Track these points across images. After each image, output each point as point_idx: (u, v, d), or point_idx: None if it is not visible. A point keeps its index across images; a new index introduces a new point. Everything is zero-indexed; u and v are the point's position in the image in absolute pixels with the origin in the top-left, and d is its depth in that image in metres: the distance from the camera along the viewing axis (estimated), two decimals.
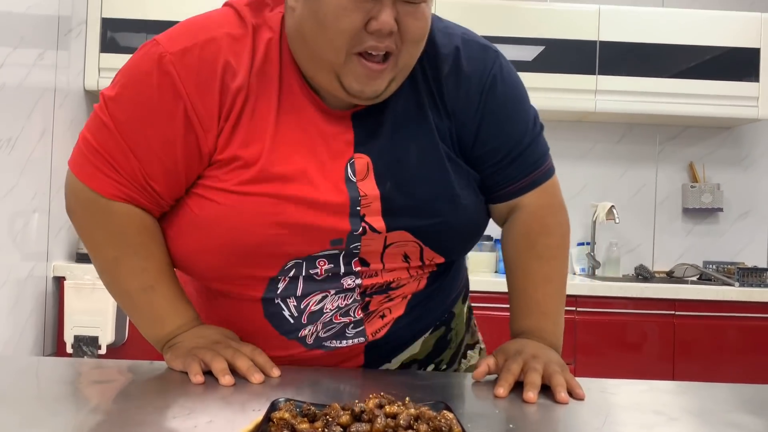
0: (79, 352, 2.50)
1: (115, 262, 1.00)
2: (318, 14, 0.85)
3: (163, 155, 0.90)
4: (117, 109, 0.91)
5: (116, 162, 0.91)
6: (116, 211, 0.94)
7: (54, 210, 2.65)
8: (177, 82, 0.88)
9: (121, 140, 0.90)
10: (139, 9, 2.87)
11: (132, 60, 0.94)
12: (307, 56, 0.91)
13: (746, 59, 2.96)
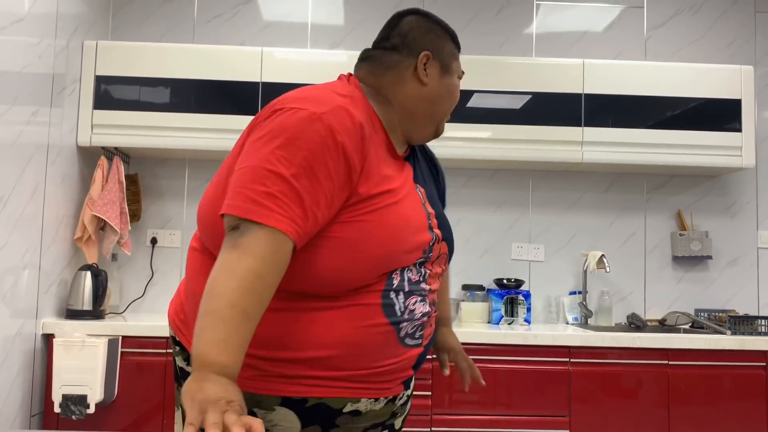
0: (67, 411, 2.46)
1: (259, 279, 1.04)
2: (450, 88, 1.34)
3: (327, 191, 1.10)
4: (291, 159, 1.09)
5: (294, 203, 1.08)
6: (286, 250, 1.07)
7: (45, 266, 2.64)
8: (336, 134, 1.11)
9: (298, 185, 1.08)
10: (132, 66, 2.93)
11: (283, 120, 1.13)
12: (427, 113, 1.32)
13: (728, 110, 3.03)
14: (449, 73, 1.34)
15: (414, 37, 1.33)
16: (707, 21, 3.42)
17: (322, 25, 3.35)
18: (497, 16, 3.39)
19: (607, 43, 3.39)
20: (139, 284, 3.23)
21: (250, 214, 1.05)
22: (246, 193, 1.07)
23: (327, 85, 1.24)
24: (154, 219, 3.26)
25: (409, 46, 1.32)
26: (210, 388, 0.94)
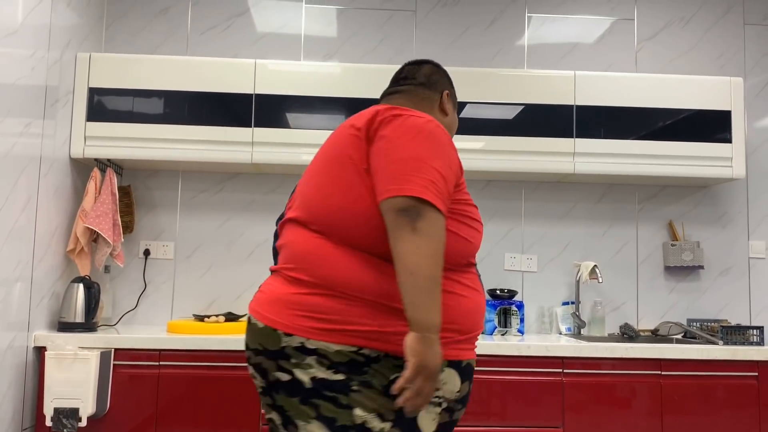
0: (59, 425, 2.44)
1: (440, 256, 1.30)
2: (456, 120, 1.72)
3: (454, 182, 1.39)
4: (437, 153, 1.36)
5: (445, 191, 1.34)
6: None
7: (37, 278, 2.63)
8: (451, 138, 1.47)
9: (444, 175, 1.34)
10: (126, 78, 2.93)
11: (414, 122, 1.38)
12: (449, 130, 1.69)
13: (718, 121, 3.05)
14: (455, 109, 1.72)
15: (437, 79, 1.70)
16: (697, 33, 3.46)
17: (316, 37, 3.37)
18: (489, 29, 3.41)
19: (598, 55, 3.42)
20: (131, 296, 3.22)
21: (427, 195, 1.28)
22: (416, 180, 1.29)
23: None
24: (146, 231, 3.26)
25: (434, 85, 1.69)
26: (437, 356, 1.26)
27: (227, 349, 2.60)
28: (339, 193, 1.37)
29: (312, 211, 1.40)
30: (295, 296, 1.36)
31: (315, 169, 1.45)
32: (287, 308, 1.35)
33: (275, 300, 1.38)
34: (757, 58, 3.46)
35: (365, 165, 1.37)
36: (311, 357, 1.32)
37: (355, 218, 1.35)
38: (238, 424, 2.58)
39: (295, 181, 3.32)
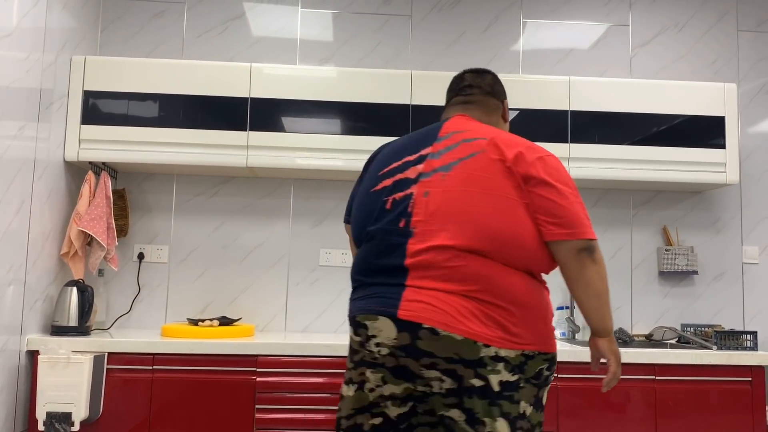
0: (51, 429, 2.43)
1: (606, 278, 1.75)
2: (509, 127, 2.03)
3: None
4: (577, 193, 1.70)
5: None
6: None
7: (30, 282, 2.61)
8: None
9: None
10: (121, 81, 2.93)
11: (556, 163, 1.70)
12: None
13: (712, 127, 3.07)
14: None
15: (499, 89, 1.91)
16: (691, 39, 3.47)
17: (311, 41, 3.37)
18: (484, 34, 3.42)
19: (592, 61, 3.43)
20: (125, 300, 3.21)
21: (594, 234, 1.66)
22: (586, 223, 1.66)
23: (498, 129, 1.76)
24: (141, 234, 3.25)
25: (498, 94, 1.90)
26: (618, 350, 1.79)
27: (221, 353, 2.59)
28: (507, 224, 1.62)
29: (482, 240, 1.60)
30: (485, 313, 1.58)
31: (470, 198, 1.62)
32: (482, 323, 1.58)
33: (468, 315, 1.57)
34: (750, 64, 3.48)
35: (526, 200, 1.64)
36: (500, 364, 1.57)
37: (522, 246, 1.62)
38: (232, 429, 2.57)
39: (290, 185, 3.32)
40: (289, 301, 3.26)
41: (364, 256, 1.70)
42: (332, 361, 2.61)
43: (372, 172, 1.80)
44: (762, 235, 3.40)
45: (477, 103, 1.86)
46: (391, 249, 1.65)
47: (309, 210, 3.31)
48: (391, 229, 1.66)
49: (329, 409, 2.58)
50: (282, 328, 3.25)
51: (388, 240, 1.66)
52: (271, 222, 3.30)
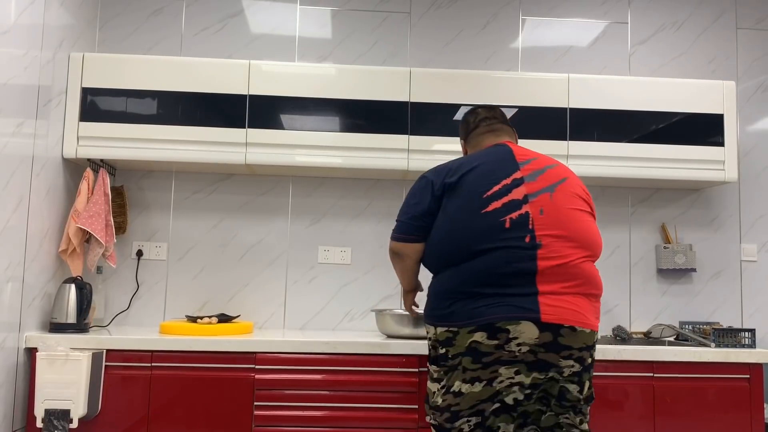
0: (50, 426, 2.43)
1: None
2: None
3: None
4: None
5: None
6: None
7: (28, 279, 2.61)
8: None
9: None
10: (119, 79, 2.92)
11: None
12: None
13: (711, 125, 3.07)
14: None
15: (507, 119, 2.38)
16: (690, 37, 3.47)
17: (310, 38, 3.37)
18: (483, 31, 3.42)
19: (591, 58, 3.43)
20: (124, 297, 3.21)
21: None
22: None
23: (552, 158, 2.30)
24: (139, 231, 3.25)
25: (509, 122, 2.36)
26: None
27: (220, 350, 2.59)
28: (597, 234, 2.10)
29: (592, 248, 2.07)
30: (595, 307, 2.06)
31: (575, 214, 2.07)
32: (595, 317, 2.04)
33: (590, 311, 2.03)
34: (749, 61, 3.48)
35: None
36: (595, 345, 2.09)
37: (600, 252, 2.13)
38: (231, 426, 2.57)
39: (288, 182, 3.31)
40: (288, 298, 3.26)
41: (486, 269, 2.00)
42: (331, 359, 2.62)
43: (471, 194, 2.07)
44: (760, 233, 3.40)
45: (505, 131, 2.31)
46: (521, 260, 1.98)
47: (307, 207, 3.31)
48: (517, 244, 1.99)
49: (327, 406, 2.59)
50: (280, 326, 3.25)
51: (516, 253, 1.98)
52: (270, 219, 3.30)
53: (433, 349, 2.16)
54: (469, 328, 2.00)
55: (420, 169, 2.98)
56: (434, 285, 2.15)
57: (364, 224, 3.32)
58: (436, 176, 2.17)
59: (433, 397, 2.12)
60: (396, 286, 3.30)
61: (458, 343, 2.03)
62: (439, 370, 2.11)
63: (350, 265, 3.30)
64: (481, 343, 1.99)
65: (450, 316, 2.04)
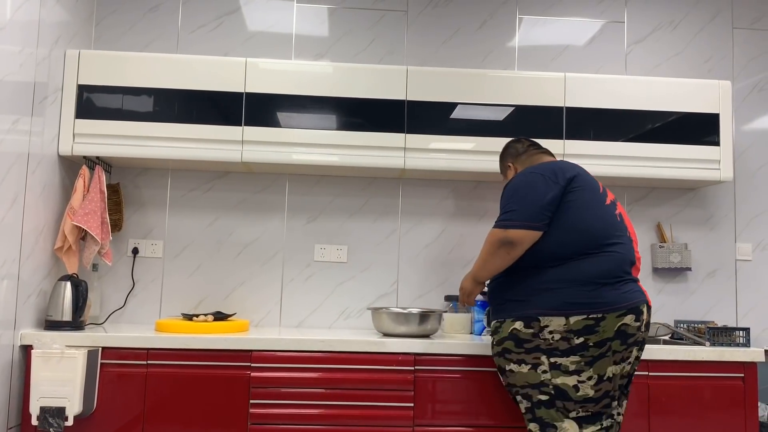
0: (45, 424, 2.42)
1: None
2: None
3: None
4: None
5: None
6: None
7: (24, 276, 2.61)
8: None
9: None
10: (115, 76, 2.92)
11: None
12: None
13: (706, 124, 3.07)
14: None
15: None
16: (686, 36, 3.48)
17: (307, 36, 3.36)
18: (480, 30, 3.42)
19: (588, 58, 3.44)
20: (119, 295, 3.20)
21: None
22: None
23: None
24: (135, 229, 3.24)
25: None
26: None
27: (216, 348, 2.59)
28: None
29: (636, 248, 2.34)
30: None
31: (620, 222, 2.32)
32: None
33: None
34: (745, 61, 3.49)
35: None
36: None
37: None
38: (227, 424, 2.57)
39: (285, 180, 3.31)
40: (284, 296, 3.26)
41: (625, 255, 2.24)
42: (326, 357, 2.62)
43: (592, 188, 2.31)
44: (755, 232, 3.41)
45: (550, 154, 2.60)
46: (631, 251, 2.27)
47: (304, 205, 3.31)
48: (628, 236, 2.29)
49: (323, 404, 2.59)
50: (276, 324, 3.25)
51: (630, 245, 2.27)
52: (266, 217, 3.29)
53: (563, 340, 2.19)
54: (618, 312, 2.16)
55: (417, 167, 2.98)
56: (560, 274, 2.21)
57: (361, 222, 3.32)
58: (551, 172, 2.29)
59: (579, 390, 2.18)
60: (392, 285, 3.30)
61: (605, 328, 2.16)
62: (580, 361, 2.18)
63: (346, 263, 3.30)
64: (629, 325, 2.18)
65: (594, 304, 2.16)
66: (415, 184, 3.34)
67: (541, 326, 2.22)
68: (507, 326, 2.28)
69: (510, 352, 2.28)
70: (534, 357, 2.24)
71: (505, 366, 2.32)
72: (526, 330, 2.24)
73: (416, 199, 3.34)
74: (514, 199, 2.27)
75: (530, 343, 2.24)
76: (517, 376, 2.27)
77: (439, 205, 3.34)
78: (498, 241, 2.26)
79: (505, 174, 2.63)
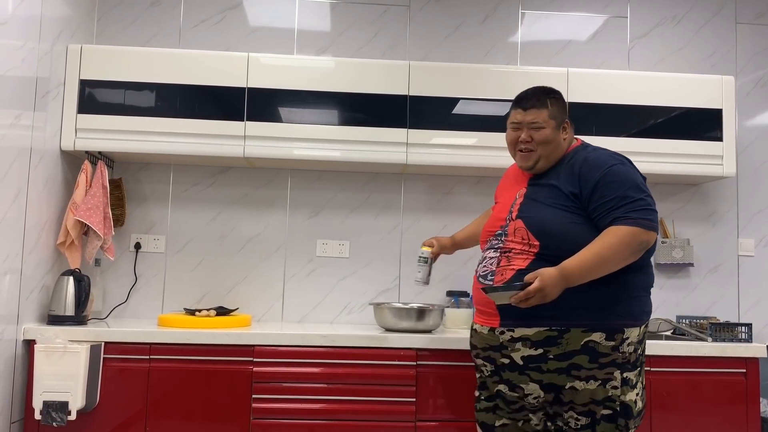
0: (48, 418, 2.43)
1: None
2: (506, 136, 2.26)
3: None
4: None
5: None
6: None
7: (26, 271, 2.61)
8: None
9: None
10: (117, 71, 2.91)
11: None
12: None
13: (709, 119, 3.07)
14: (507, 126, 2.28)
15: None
16: (689, 31, 3.47)
17: (309, 31, 3.36)
18: (483, 25, 3.41)
19: (590, 53, 3.43)
20: (122, 290, 3.21)
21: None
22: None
23: None
24: (137, 224, 3.24)
25: None
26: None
27: (218, 343, 2.60)
28: None
29: None
30: None
31: None
32: None
33: None
34: (748, 56, 3.47)
35: None
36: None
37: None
38: (229, 418, 2.58)
39: (287, 175, 3.31)
40: (286, 291, 3.26)
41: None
42: (328, 352, 2.62)
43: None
44: (758, 228, 3.41)
45: None
46: None
47: (306, 200, 3.31)
48: None
49: (325, 399, 2.59)
50: (279, 319, 3.26)
51: None
52: (268, 212, 3.29)
53: (634, 353, 2.04)
54: (647, 320, 2.12)
55: (418, 162, 2.98)
56: (642, 281, 2.07)
57: (363, 217, 3.32)
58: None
59: (636, 405, 2.04)
60: (394, 280, 3.30)
61: (646, 338, 2.13)
62: (638, 374, 2.08)
63: (348, 258, 3.30)
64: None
65: (649, 312, 2.11)
66: (418, 179, 3.34)
67: (623, 338, 2.02)
68: (577, 337, 1.99)
69: (580, 368, 2.00)
70: (606, 372, 2.01)
71: (566, 384, 2.02)
72: (607, 342, 2.00)
73: (418, 194, 3.34)
74: (646, 194, 2.02)
75: (607, 357, 2.00)
76: (582, 394, 2.02)
77: (441, 200, 3.34)
78: (639, 244, 1.95)
79: (554, 128, 2.17)
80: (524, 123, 2.19)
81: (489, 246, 2.19)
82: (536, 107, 2.18)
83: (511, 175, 2.35)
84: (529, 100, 2.21)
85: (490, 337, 2.12)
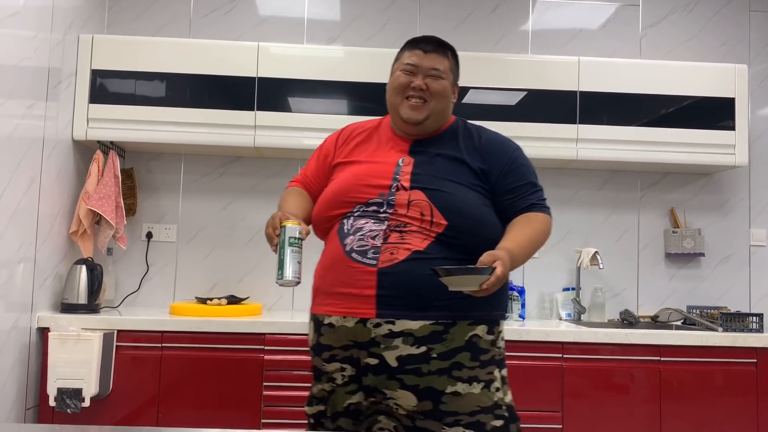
0: (62, 405, 2.46)
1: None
2: (391, 80, 1.84)
3: (312, 166, 2.04)
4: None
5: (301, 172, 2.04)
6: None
7: (40, 260, 2.64)
8: (325, 140, 2.06)
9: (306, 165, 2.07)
10: (128, 60, 2.92)
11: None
12: (389, 106, 1.85)
13: (722, 108, 3.04)
14: (393, 71, 1.86)
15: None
16: (702, 20, 3.44)
17: (319, 20, 3.35)
18: (493, 13, 3.39)
19: (602, 41, 3.41)
20: (134, 278, 3.23)
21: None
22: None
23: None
24: (149, 213, 3.26)
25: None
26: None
27: (229, 331, 2.62)
28: None
29: None
30: None
31: None
32: None
33: None
34: (761, 45, 3.44)
35: None
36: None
37: None
38: (240, 406, 2.60)
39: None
40: None
41: None
42: None
43: None
44: None
45: None
46: None
47: None
48: None
49: None
50: (289, 307, 3.27)
51: None
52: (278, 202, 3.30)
53: (504, 348, 1.77)
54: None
55: None
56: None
57: None
58: None
59: (512, 401, 1.76)
60: None
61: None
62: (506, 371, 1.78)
63: None
64: None
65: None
66: None
67: (498, 331, 1.74)
68: (462, 331, 1.66)
69: (461, 368, 1.64)
70: (488, 372, 1.68)
71: (446, 388, 1.63)
72: (488, 336, 1.70)
73: None
74: (534, 177, 1.85)
75: (487, 354, 1.69)
76: (466, 400, 1.64)
77: None
78: (549, 231, 1.81)
79: (452, 83, 1.89)
80: (422, 68, 1.79)
81: (361, 215, 1.71)
82: (438, 53, 1.82)
83: (372, 135, 1.87)
84: (430, 44, 1.83)
85: (357, 330, 1.63)
